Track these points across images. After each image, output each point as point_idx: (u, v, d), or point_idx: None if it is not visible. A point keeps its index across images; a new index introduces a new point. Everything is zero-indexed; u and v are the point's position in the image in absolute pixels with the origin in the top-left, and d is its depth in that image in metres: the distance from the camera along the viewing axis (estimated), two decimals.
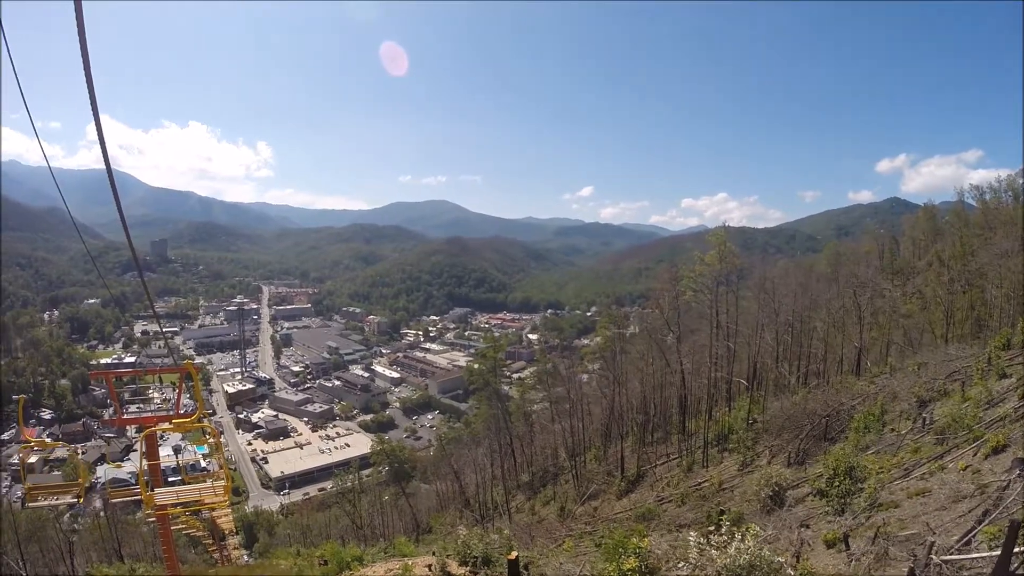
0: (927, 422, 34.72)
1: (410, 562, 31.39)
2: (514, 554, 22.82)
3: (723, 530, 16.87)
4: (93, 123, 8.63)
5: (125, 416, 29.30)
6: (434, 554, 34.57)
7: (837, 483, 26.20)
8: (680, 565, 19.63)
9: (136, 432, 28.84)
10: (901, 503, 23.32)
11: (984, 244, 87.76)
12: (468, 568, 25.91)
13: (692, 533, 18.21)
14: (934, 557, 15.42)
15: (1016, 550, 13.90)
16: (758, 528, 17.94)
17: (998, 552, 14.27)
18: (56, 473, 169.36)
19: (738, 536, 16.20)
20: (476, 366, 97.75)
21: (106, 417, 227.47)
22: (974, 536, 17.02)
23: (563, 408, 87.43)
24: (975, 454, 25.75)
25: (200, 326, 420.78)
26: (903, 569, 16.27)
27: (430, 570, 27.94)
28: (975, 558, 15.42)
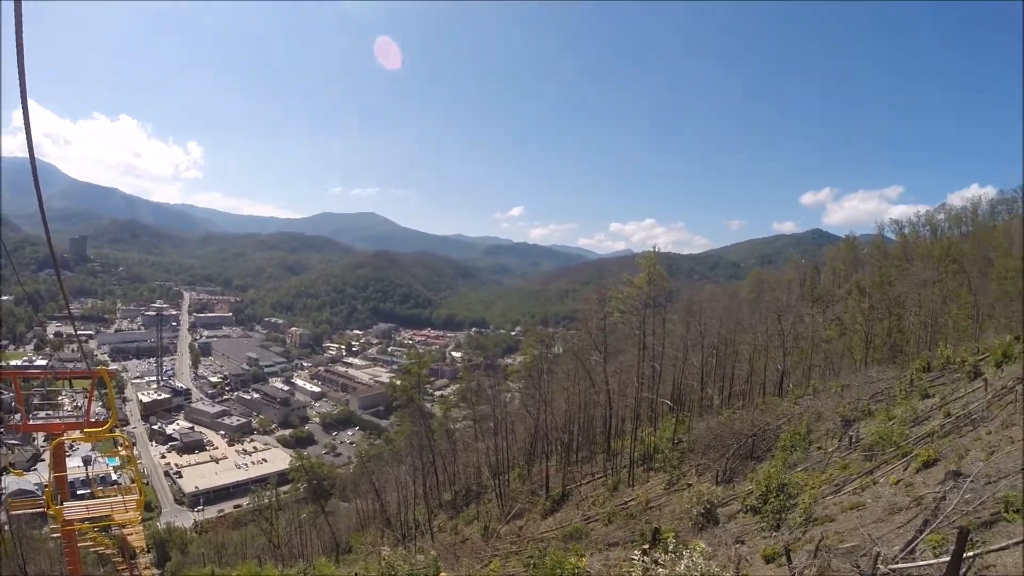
0: (854, 440, 35.26)
1: None
2: (443, 575, 21.92)
3: (670, 547, 16.22)
4: (20, 109, 8.03)
5: (32, 422, 27.30)
6: (357, 575, 33.32)
7: (771, 500, 26.05)
8: None
9: (45, 440, 26.88)
10: (836, 517, 23.36)
11: (902, 275, 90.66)
12: None
13: (636, 552, 17.46)
14: (881, 567, 15.28)
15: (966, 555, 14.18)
16: (703, 545, 17.35)
17: (945, 559, 14.61)
18: None
19: (685, 553, 15.58)
20: (399, 382, 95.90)
21: (12, 422, 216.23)
22: (917, 545, 17.07)
23: (487, 427, 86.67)
24: (905, 468, 26.28)
25: (117, 330, 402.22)
26: None
27: None
28: (923, 565, 15.53)
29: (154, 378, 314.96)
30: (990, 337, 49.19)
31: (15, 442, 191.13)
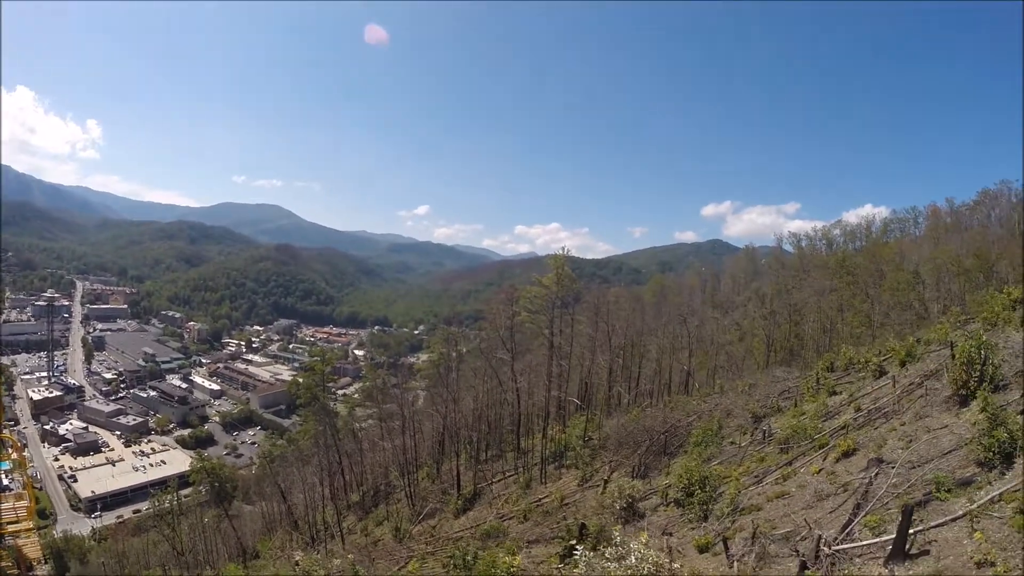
0: (767, 434, 36.17)
1: None
2: None
3: (616, 542, 16.00)
4: None
5: None
6: None
7: (696, 492, 26.38)
8: (574, 573, 18.73)
9: None
10: (763, 506, 23.89)
11: (799, 284, 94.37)
12: None
13: (579, 546, 17.17)
14: (825, 549, 15.54)
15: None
16: (646, 536, 17.26)
17: (887, 537, 15.64)
18: None
19: (633, 545, 15.39)
20: (303, 380, 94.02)
21: None
22: (854, 528, 17.59)
23: (393, 425, 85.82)
24: (825, 459, 27.30)
25: (5, 322, 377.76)
26: (789, 565, 16.38)
27: None
28: (867, 544, 16.06)
29: (45, 374, 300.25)
30: (885, 342, 51.41)
31: None
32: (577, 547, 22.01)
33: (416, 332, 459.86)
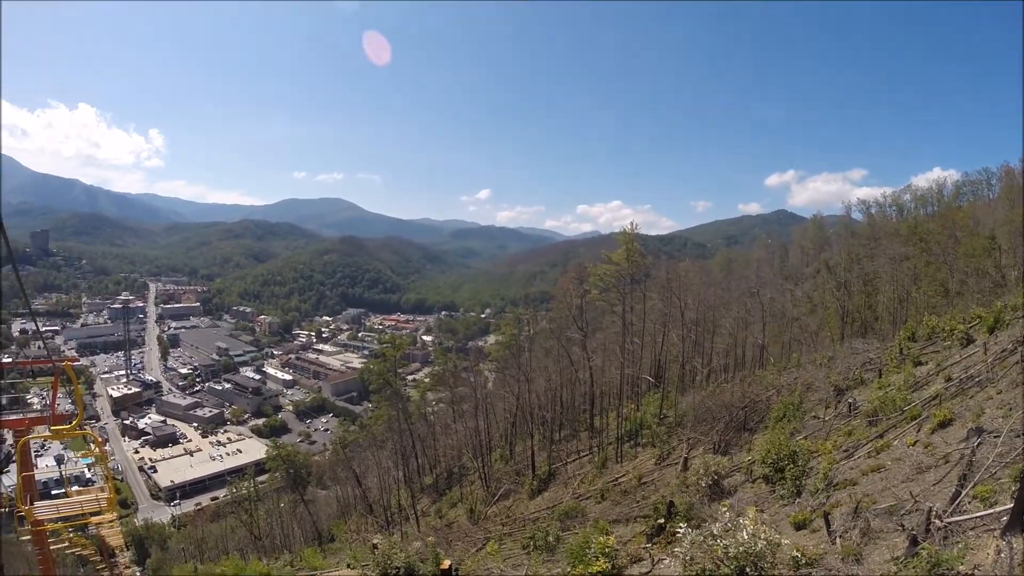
0: (852, 407, 34.96)
1: None
2: (447, 563, 20.93)
3: (727, 516, 15.35)
4: None
5: None
6: (349, 566, 32.24)
7: (788, 467, 25.49)
8: (667, 561, 18.29)
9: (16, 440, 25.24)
10: (858, 480, 22.90)
11: (869, 253, 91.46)
12: None
13: (681, 525, 16.58)
14: (936, 522, 14.74)
15: None
16: (754, 511, 16.62)
17: (1002, 507, 14.79)
18: None
19: (743, 522, 14.76)
20: (374, 366, 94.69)
21: None
22: (962, 499, 16.77)
23: (464, 408, 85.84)
24: (918, 430, 25.94)
25: (83, 325, 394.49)
26: (895, 541, 15.64)
27: None
28: (981, 516, 15.30)
29: (123, 372, 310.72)
30: (965, 310, 49.29)
31: None
32: (665, 525, 21.54)
33: (483, 316, 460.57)
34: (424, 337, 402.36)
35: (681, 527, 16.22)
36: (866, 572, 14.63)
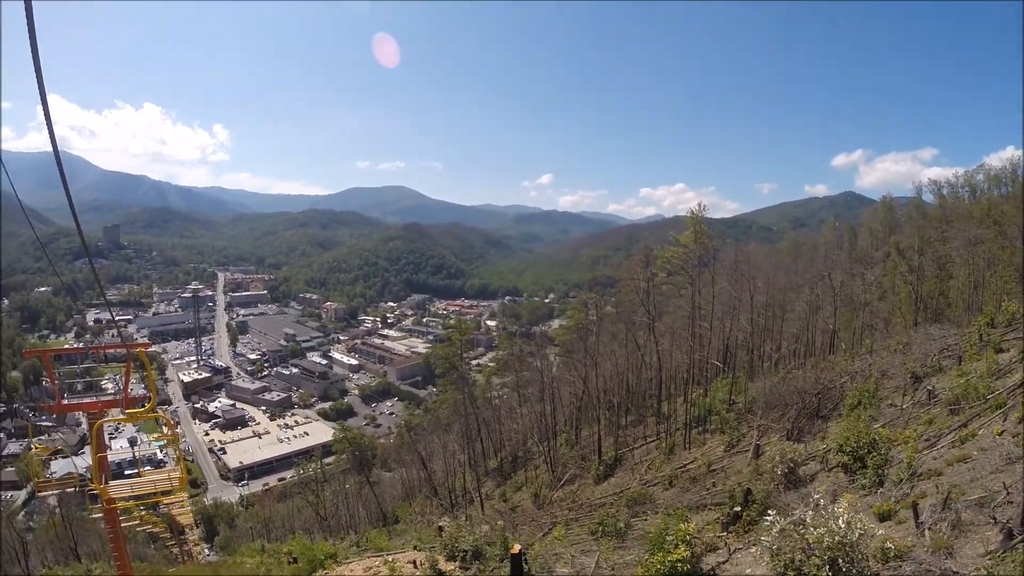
0: (932, 395, 33.75)
1: (390, 558, 29.12)
2: (517, 547, 20.70)
3: (820, 504, 14.89)
4: (41, 104, 7.65)
5: (67, 402, 26.57)
6: (416, 548, 32.35)
7: (872, 455, 24.66)
8: (753, 550, 17.90)
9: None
10: (942, 471, 21.97)
11: (941, 237, 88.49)
12: (457, 563, 23.67)
13: (770, 512, 16.10)
14: None
15: None
16: (849, 497, 16.10)
17: None
18: (10, 468, 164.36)
19: (837, 510, 14.26)
20: (440, 350, 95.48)
21: (46, 403, 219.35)
22: None
23: (528, 393, 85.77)
24: (1005, 419, 24.78)
25: (154, 314, 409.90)
26: (988, 534, 14.96)
27: (416, 567, 25.74)
28: None
29: (194, 358, 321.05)
30: None
31: (50, 424, 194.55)
32: (741, 513, 21.03)
33: (546, 301, 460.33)
34: (488, 322, 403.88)
35: (769, 515, 15.80)
36: (959, 566, 14.00)
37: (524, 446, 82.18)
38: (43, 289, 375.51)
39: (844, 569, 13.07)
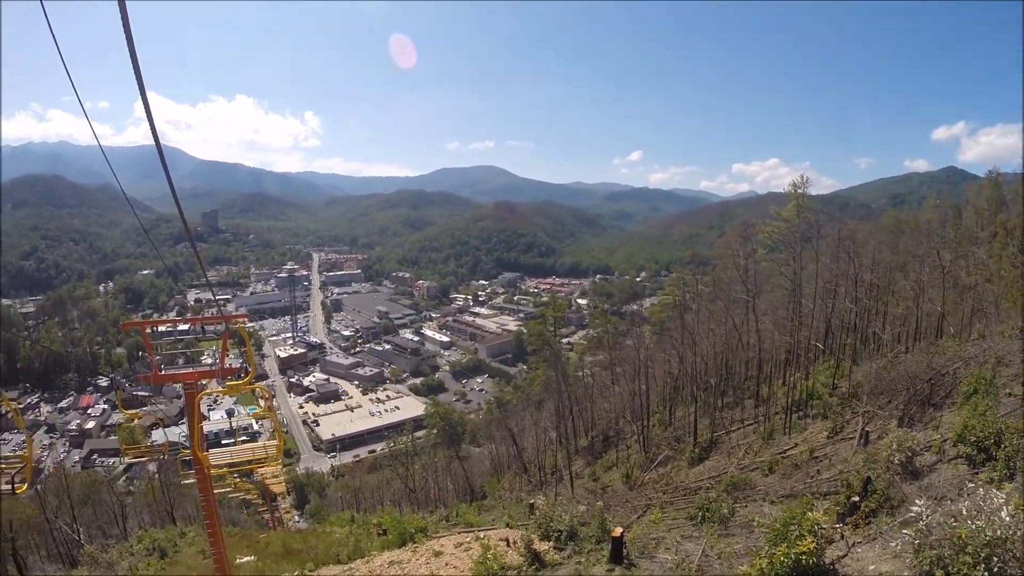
0: None
1: (481, 534, 28.78)
2: (618, 530, 19.98)
3: (979, 493, 13.65)
4: (140, 100, 8.40)
5: (163, 372, 27.03)
6: (508, 525, 31.98)
7: (1004, 446, 22.89)
8: (875, 543, 16.71)
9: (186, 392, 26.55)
10: None
11: None
12: (552, 543, 22.99)
13: (918, 501, 14.85)
14: None
15: None
16: (1009, 487, 14.82)
17: None
18: (112, 437, 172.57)
19: (997, 501, 13.02)
20: (533, 327, 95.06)
21: (143, 374, 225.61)
22: None
23: (621, 371, 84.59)
24: None
25: (252, 293, 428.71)
26: None
27: (509, 545, 25.25)
28: None
29: (290, 335, 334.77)
30: None
31: (147, 393, 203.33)
32: (860, 504, 19.71)
33: (638, 279, 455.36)
34: (579, 300, 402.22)
35: (917, 504, 14.56)
36: None
37: (616, 425, 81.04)
38: (146, 272, 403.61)
39: (997, 569, 11.87)
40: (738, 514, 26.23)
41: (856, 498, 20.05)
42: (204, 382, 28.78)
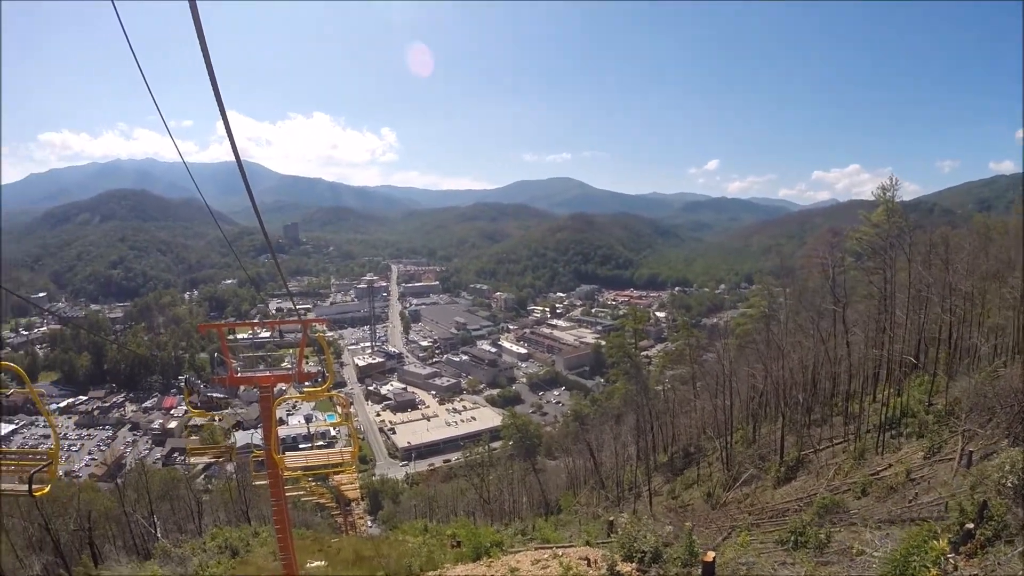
0: None
1: (560, 551, 27.79)
2: (711, 555, 18.77)
3: None
4: (221, 119, 8.75)
5: (240, 375, 26.83)
6: (588, 543, 30.87)
7: None
8: None
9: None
10: None
11: None
12: (635, 565, 21.79)
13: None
14: None
15: None
16: None
17: None
18: (194, 438, 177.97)
19: None
20: (614, 339, 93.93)
21: (219, 376, 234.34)
22: None
23: (703, 385, 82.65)
24: None
25: (332, 303, 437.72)
26: None
27: (589, 564, 24.13)
28: None
29: (368, 344, 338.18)
30: None
31: (222, 395, 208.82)
32: (974, 532, 18.09)
33: (717, 291, 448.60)
34: (657, 313, 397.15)
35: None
36: None
37: (696, 442, 78.97)
38: (229, 282, 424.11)
39: None
40: (835, 539, 24.58)
41: (971, 525, 18.31)
42: (283, 386, 28.77)
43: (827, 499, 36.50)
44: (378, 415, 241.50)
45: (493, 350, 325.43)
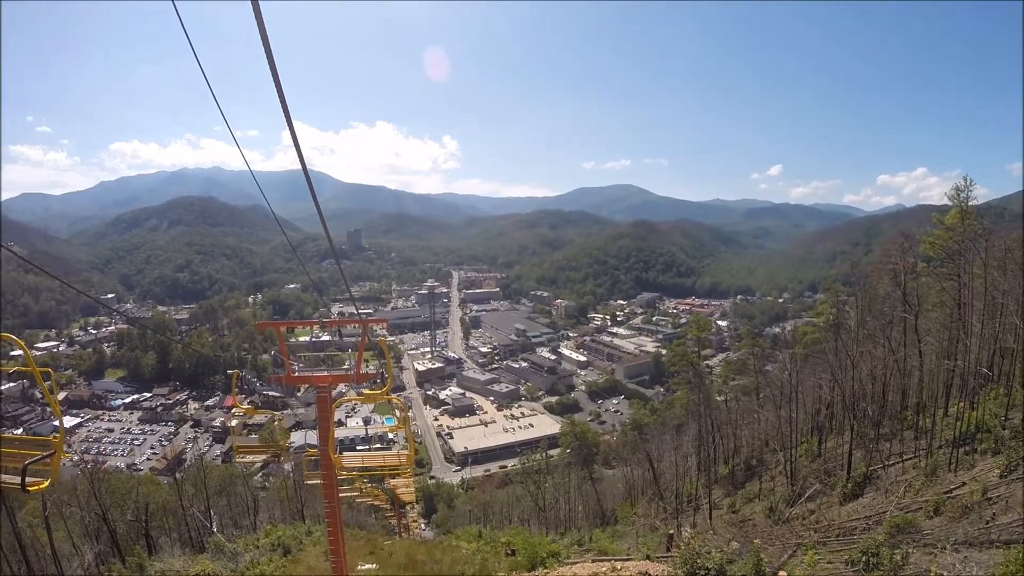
0: None
1: (619, 565, 27.09)
2: (783, 574, 18.05)
3: None
4: (287, 129, 9.10)
5: (297, 374, 26.83)
6: (648, 557, 30.09)
7: None
8: None
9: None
10: None
11: None
12: None
13: None
14: None
15: None
16: None
17: None
18: (253, 436, 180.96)
19: None
20: (676, 348, 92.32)
21: (277, 375, 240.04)
22: None
23: (766, 396, 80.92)
24: None
25: (393, 308, 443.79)
26: None
27: None
28: None
29: (428, 349, 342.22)
30: None
31: (278, 393, 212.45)
32: None
33: (780, 300, 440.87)
34: (719, 322, 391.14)
35: None
36: None
37: (759, 454, 77.15)
38: (292, 286, 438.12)
39: None
40: (910, 561, 23.39)
41: None
42: (342, 388, 28.86)
43: (898, 518, 35.08)
44: (436, 419, 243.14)
45: (552, 357, 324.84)
